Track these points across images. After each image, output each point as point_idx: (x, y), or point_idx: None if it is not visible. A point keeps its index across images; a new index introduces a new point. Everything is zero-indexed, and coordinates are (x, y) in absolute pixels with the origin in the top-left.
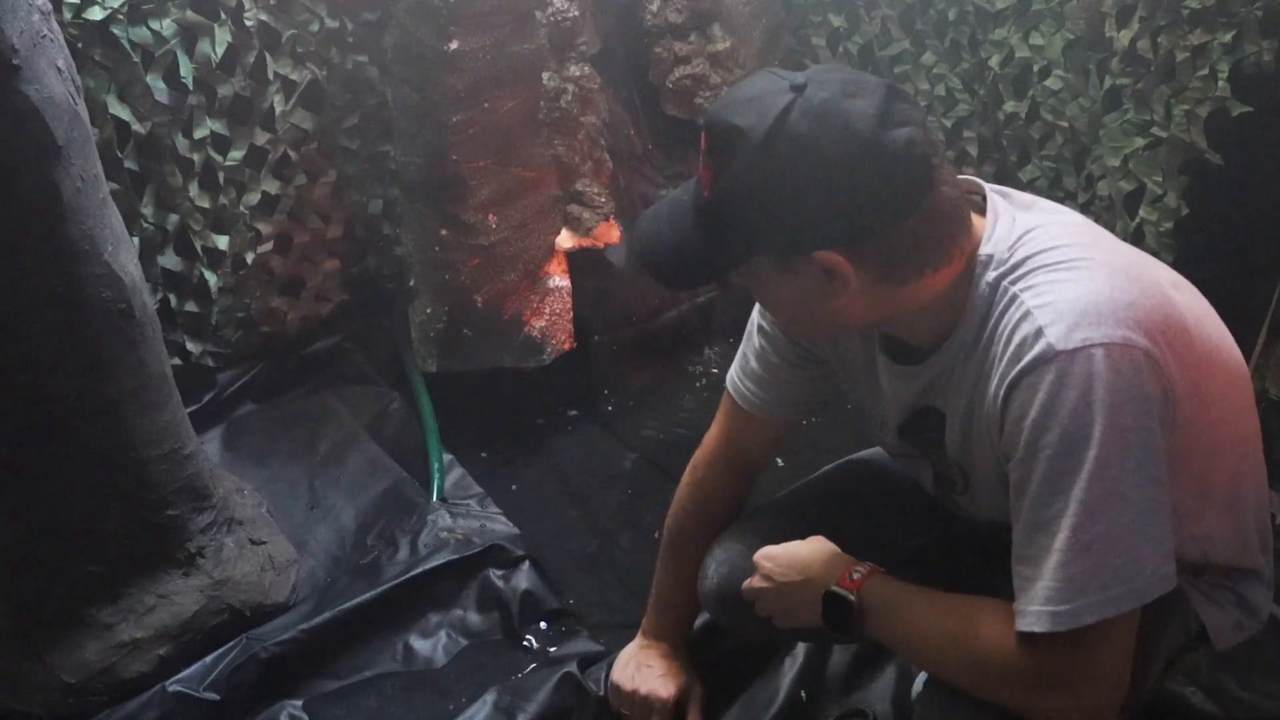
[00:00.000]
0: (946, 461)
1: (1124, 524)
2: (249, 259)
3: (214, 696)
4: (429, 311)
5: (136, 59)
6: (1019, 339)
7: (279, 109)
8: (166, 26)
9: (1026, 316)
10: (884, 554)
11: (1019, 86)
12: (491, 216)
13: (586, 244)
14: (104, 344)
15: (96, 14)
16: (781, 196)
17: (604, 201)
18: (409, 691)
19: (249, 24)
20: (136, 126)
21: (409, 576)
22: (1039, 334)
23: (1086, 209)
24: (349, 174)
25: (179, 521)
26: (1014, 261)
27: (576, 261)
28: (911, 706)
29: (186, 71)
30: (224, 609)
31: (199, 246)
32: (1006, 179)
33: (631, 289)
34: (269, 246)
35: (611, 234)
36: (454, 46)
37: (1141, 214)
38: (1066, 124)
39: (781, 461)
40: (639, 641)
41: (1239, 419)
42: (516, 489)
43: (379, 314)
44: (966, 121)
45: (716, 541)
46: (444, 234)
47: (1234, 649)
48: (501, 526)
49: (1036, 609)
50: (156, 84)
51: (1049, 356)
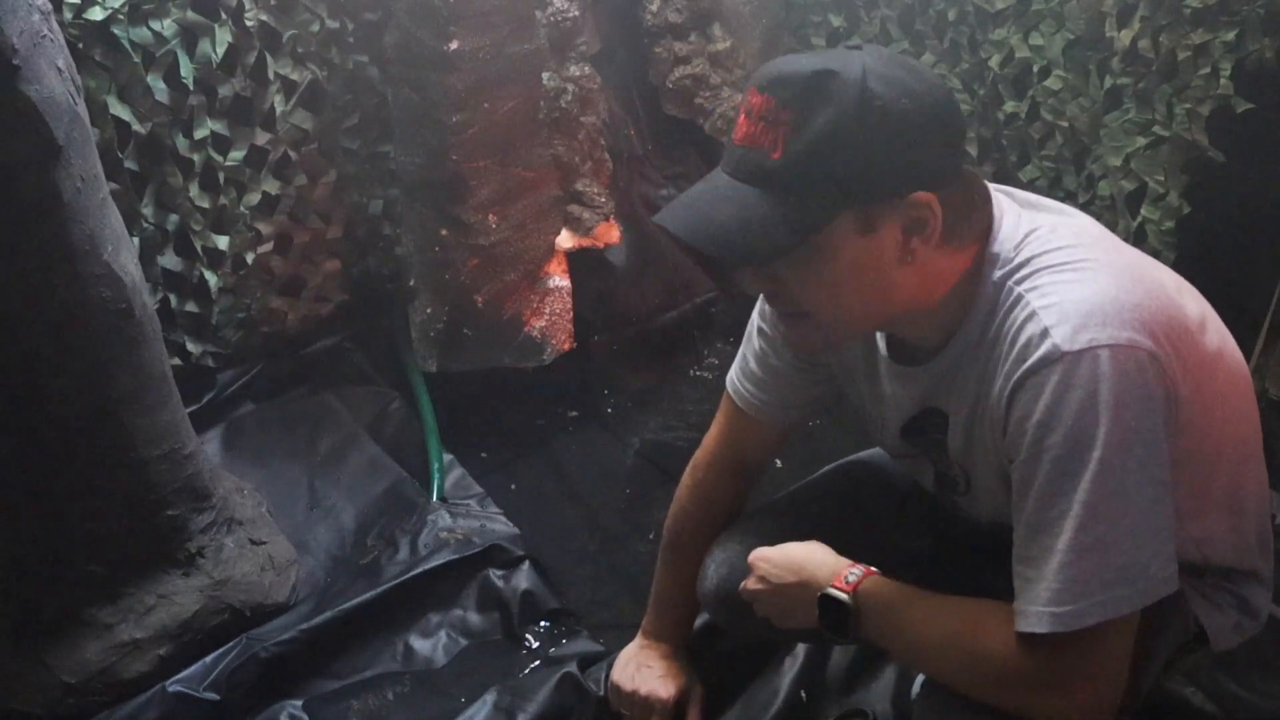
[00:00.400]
0: (948, 462)
1: (1127, 525)
2: (249, 259)
3: (214, 696)
4: (429, 311)
5: (137, 59)
6: (1024, 339)
7: (279, 109)
8: (167, 27)
9: (1032, 317)
10: (883, 555)
11: (1019, 86)
12: (491, 216)
13: (586, 244)
14: (104, 344)
15: (97, 14)
16: (882, 133)
17: (604, 201)
18: (409, 691)
19: (249, 24)
20: (137, 127)
21: (409, 576)
22: (1045, 335)
23: (1087, 209)
24: (349, 174)
25: (179, 521)
26: (1018, 261)
27: (576, 261)
28: (911, 706)
29: (187, 72)
30: (224, 609)
31: (199, 247)
32: (1006, 179)
33: (631, 289)
34: (269, 247)
35: (611, 234)
36: (454, 46)
37: (1143, 213)
38: (1067, 124)
39: (780, 463)
40: (639, 642)
41: (1240, 421)
42: (516, 489)
43: (379, 314)
44: (966, 122)
45: (716, 542)
46: (444, 234)
47: (1233, 649)
48: (501, 526)
49: (1038, 609)
50: (157, 84)
51: (1055, 357)
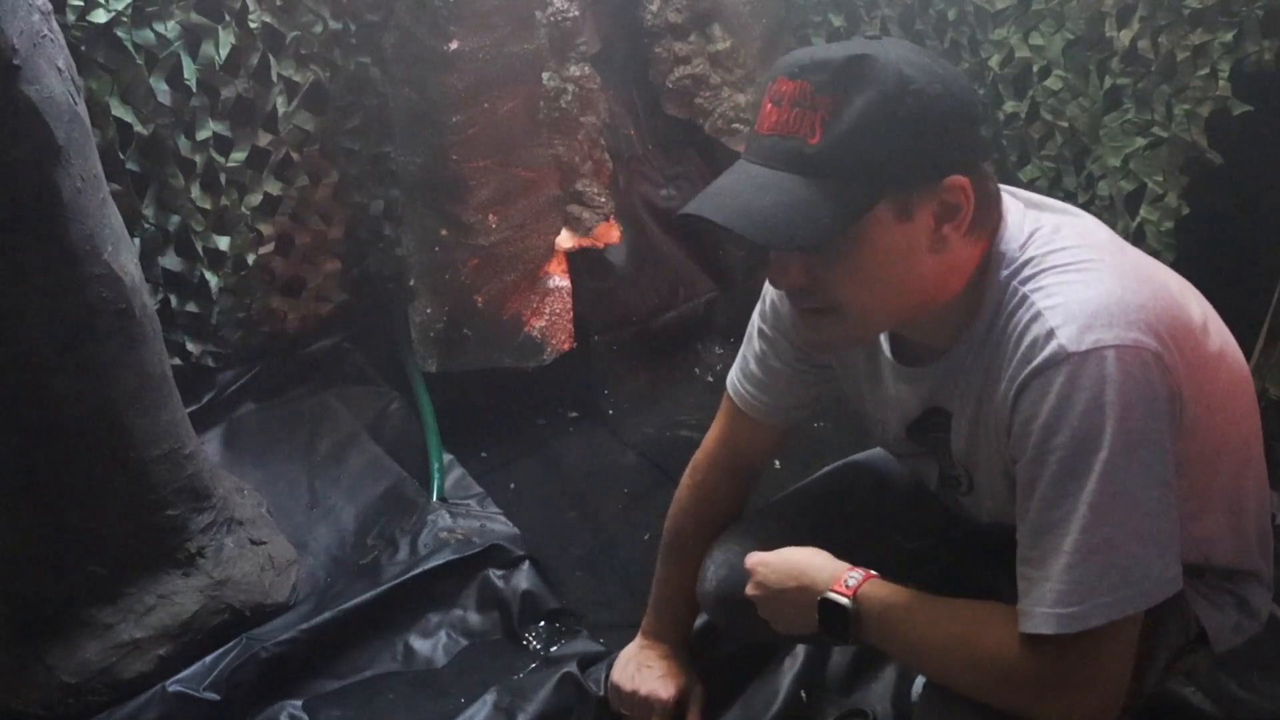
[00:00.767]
0: (951, 462)
1: (1132, 526)
2: (250, 260)
3: (214, 696)
4: (429, 311)
5: (140, 61)
6: (1030, 340)
7: (281, 110)
8: (170, 29)
9: (1037, 318)
10: (883, 556)
11: (1019, 86)
12: (491, 216)
13: (586, 244)
14: (104, 344)
15: (100, 16)
16: (919, 116)
17: (604, 201)
18: (409, 691)
19: (253, 26)
20: (139, 128)
21: (409, 576)
22: (1050, 335)
23: (1087, 209)
24: (351, 175)
25: (179, 521)
26: (1023, 260)
27: (576, 261)
28: (912, 707)
29: (190, 73)
30: (224, 609)
31: (200, 248)
32: (1006, 179)
33: (631, 289)
34: (270, 248)
35: (611, 234)
36: (454, 46)
37: (1142, 214)
38: (1066, 124)
39: (779, 464)
40: (639, 642)
41: (1242, 422)
42: (516, 489)
43: (379, 314)
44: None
45: (716, 543)
46: (444, 234)
47: (1233, 649)
48: (501, 526)
49: (1043, 610)
50: (160, 86)
51: (1061, 358)
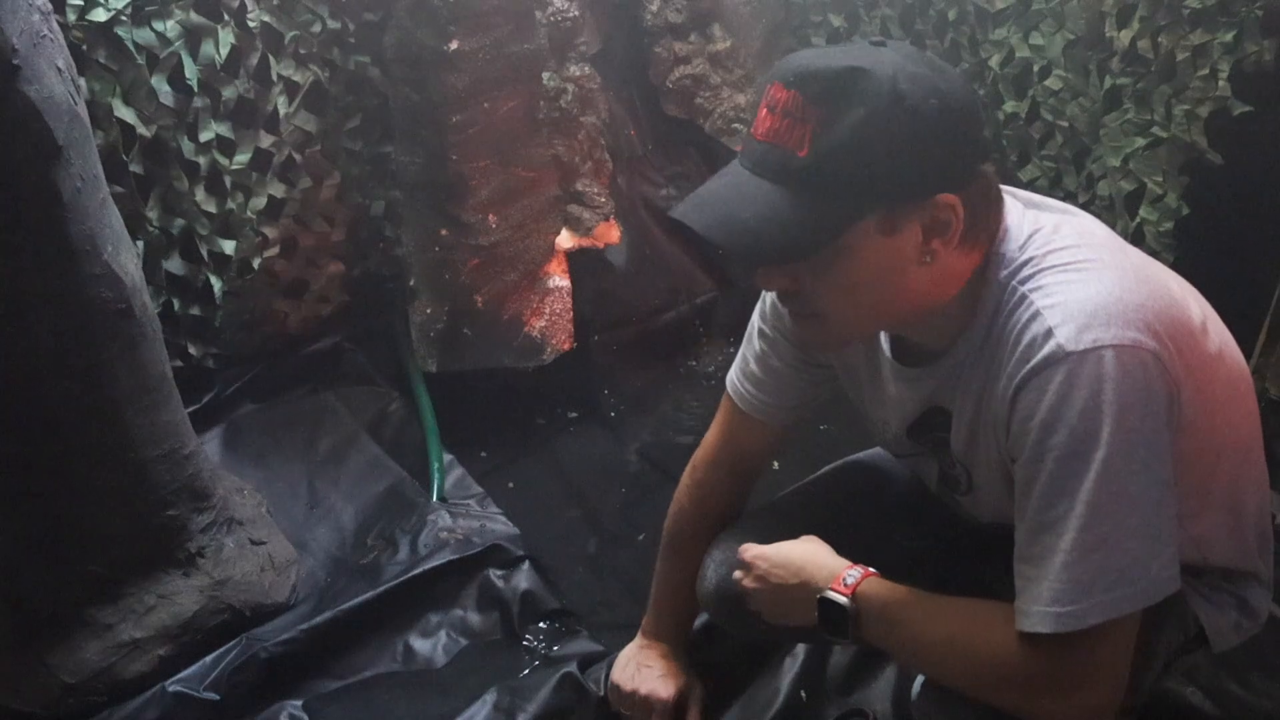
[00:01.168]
0: (950, 461)
1: (1130, 525)
2: (255, 264)
3: (214, 696)
4: (429, 311)
5: (141, 61)
6: (1028, 339)
7: (282, 111)
8: (170, 28)
9: (1036, 317)
10: (883, 555)
11: (1019, 86)
12: (491, 216)
13: (586, 244)
14: (104, 344)
15: (100, 15)
16: (912, 133)
17: (604, 201)
18: (409, 691)
19: (252, 25)
20: (142, 130)
21: (409, 576)
22: (1049, 334)
23: (1086, 209)
24: (352, 176)
25: (179, 521)
26: (1022, 260)
27: (576, 261)
28: (911, 706)
29: (191, 73)
30: (224, 609)
31: (204, 251)
32: (1007, 179)
33: (631, 289)
34: (275, 251)
35: (611, 234)
36: (454, 46)
37: (1142, 214)
38: (1066, 124)
39: (778, 465)
40: (639, 641)
41: (1241, 422)
42: (516, 489)
43: (379, 314)
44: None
45: (715, 542)
46: (444, 234)
47: (1233, 648)
48: (501, 526)
49: (1041, 609)
50: (161, 86)
51: (1059, 357)
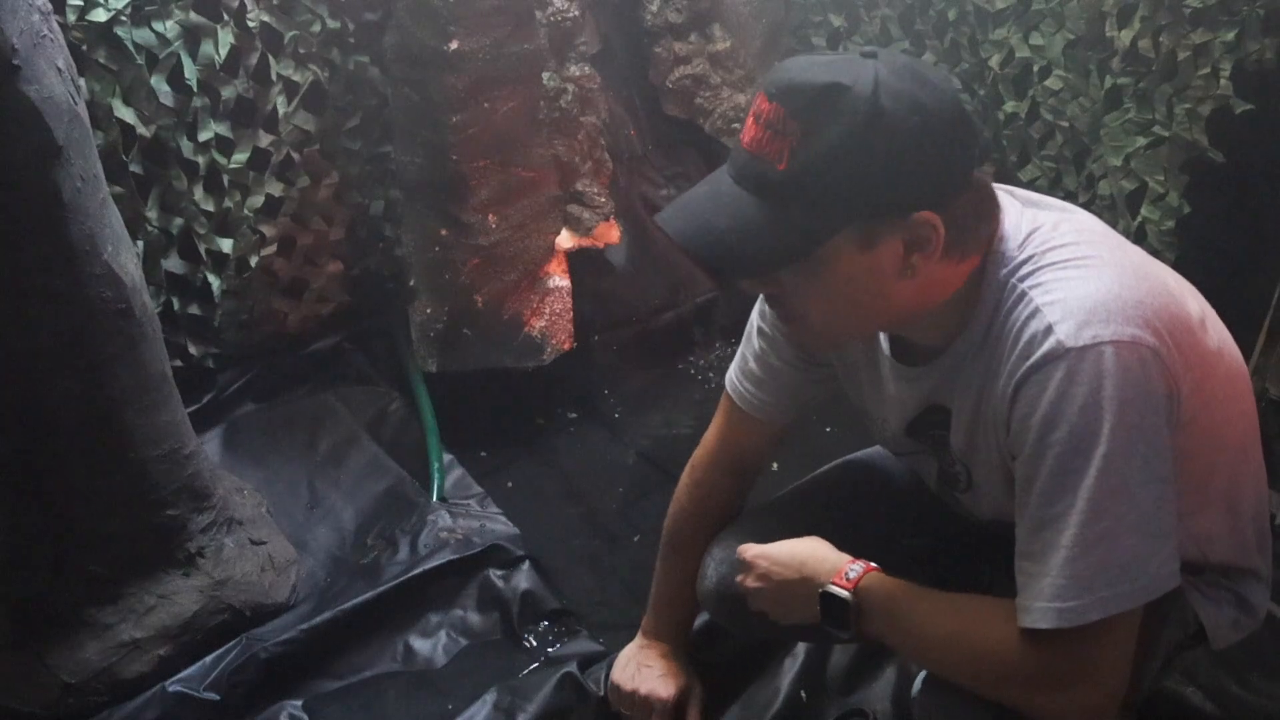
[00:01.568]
0: (950, 458)
1: (1131, 521)
2: (253, 262)
3: (214, 696)
4: (429, 311)
5: (140, 61)
6: (1028, 336)
7: (281, 111)
8: (170, 28)
9: (1035, 314)
10: (882, 553)
11: (1019, 86)
12: (491, 216)
13: (586, 244)
14: (104, 344)
15: (100, 16)
16: (890, 152)
17: (604, 201)
18: (409, 691)
19: (251, 25)
20: (141, 130)
21: (409, 576)
22: (1049, 331)
23: (1087, 208)
24: (351, 175)
25: (179, 521)
26: (1022, 258)
27: (576, 261)
28: (912, 704)
29: (191, 73)
30: (224, 609)
31: (203, 250)
32: (1007, 179)
33: (631, 289)
34: (273, 249)
35: (611, 234)
36: (454, 46)
37: (1143, 213)
38: (1067, 124)
39: (777, 466)
40: (639, 641)
41: (1240, 419)
42: (516, 489)
43: (379, 314)
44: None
45: (715, 541)
46: (444, 234)
47: (1232, 648)
48: (501, 526)
49: (1042, 605)
50: (161, 86)
51: (1059, 354)
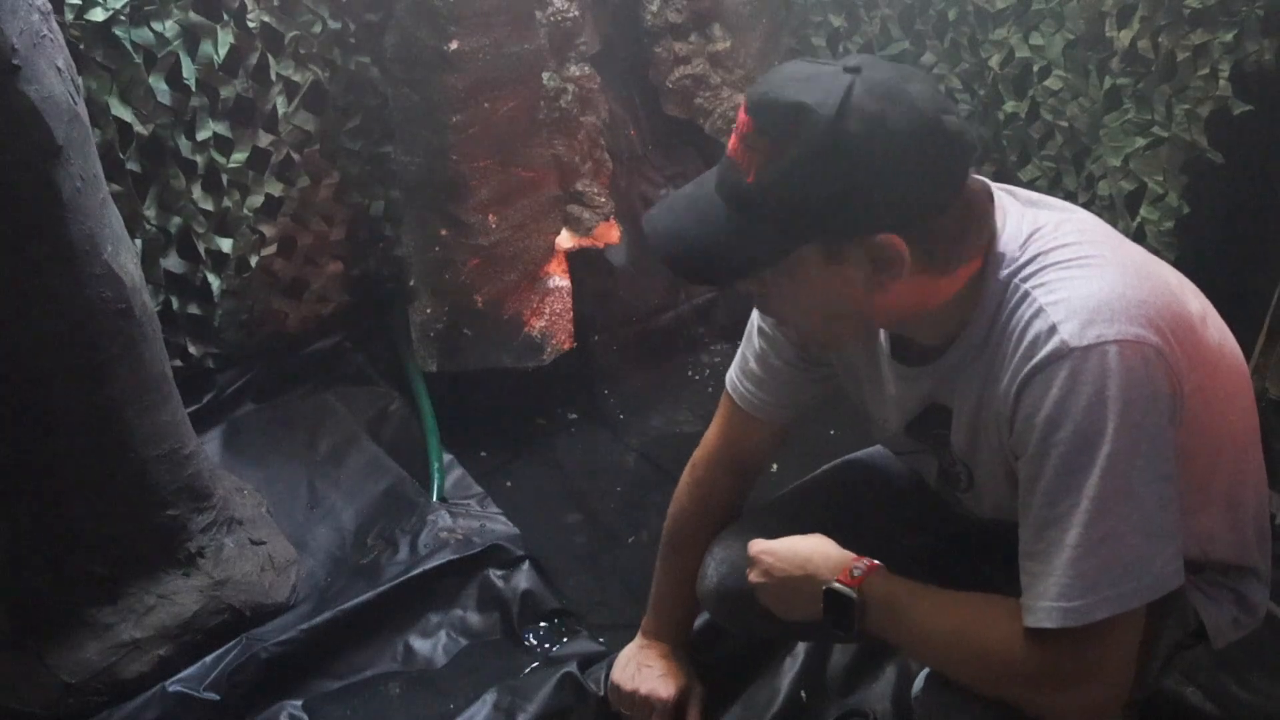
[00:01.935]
0: (950, 458)
1: (1135, 521)
2: (252, 262)
3: (214, 696)
4: (429, 311)
5: (139, 60)
6: (1031, 336)
7: (281, 110)
8: (169, 28)
9: (1039, 313)
10: (883, 552)
11: (1019, 86)
12: (491, 216)
13: (586, 244)
14: (104, 344)
15: (98, 15)
16: (850, 175)
17: (604, 201)
18: (409, 691)
19: (251, 25)
20: (139, 128)
21: (409, 576)
22: (1052, 331)
23: (1087, 209)
24: (351, 175)
25: (179, 521)
26: (1025, 259)
27: (576, 261)
28: (912, 704)
29: (189, 73)
30: (224, 609)
31: (202, 249)
32: (1006, 179)
33: (631, 289)
34: (272, 249)
35: (611, 234)
36: (454, 46)
37: (1142, 213)
38: (1066, 124)
39: (776, 466)
40: (639, 641)
41: (1240, 418)
42: (516, 489)
43: (379, 314)
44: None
45: (716, 541)
46: (444, 234)
47: (1232, 647)
48: (501, 526)
49: (1047, 605)
50: (159, 85)
51: (1063, 353)
